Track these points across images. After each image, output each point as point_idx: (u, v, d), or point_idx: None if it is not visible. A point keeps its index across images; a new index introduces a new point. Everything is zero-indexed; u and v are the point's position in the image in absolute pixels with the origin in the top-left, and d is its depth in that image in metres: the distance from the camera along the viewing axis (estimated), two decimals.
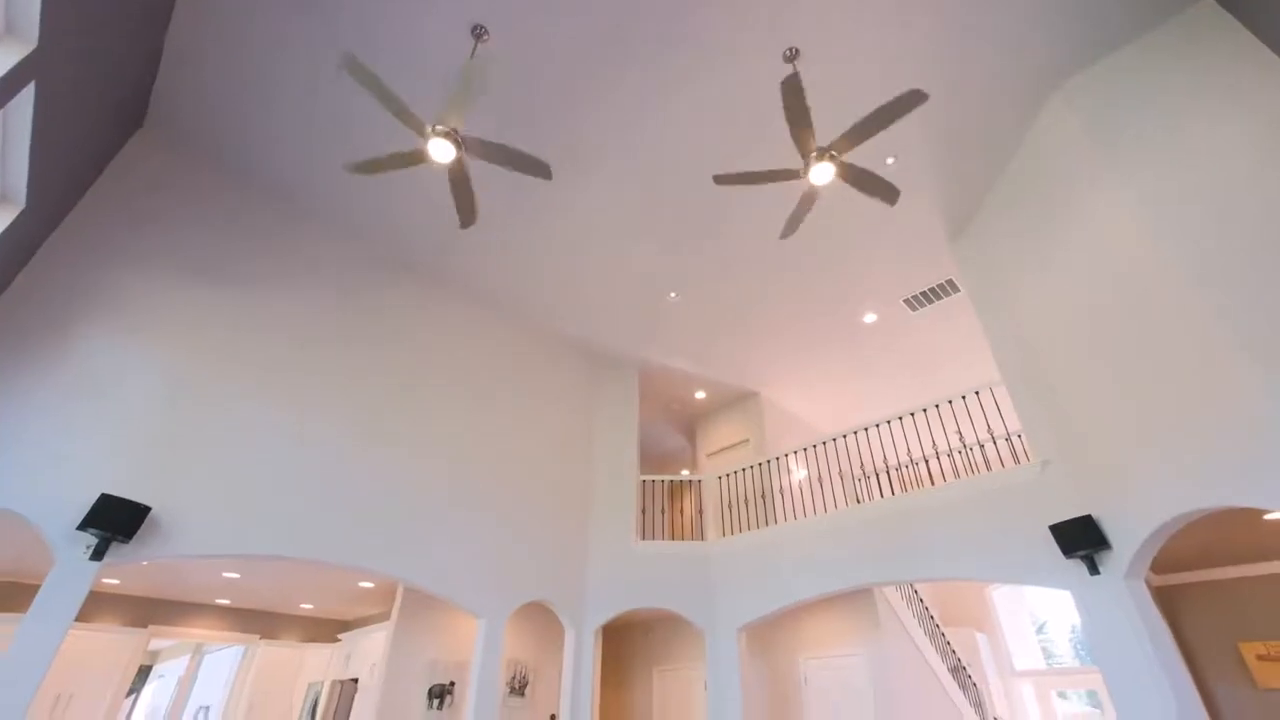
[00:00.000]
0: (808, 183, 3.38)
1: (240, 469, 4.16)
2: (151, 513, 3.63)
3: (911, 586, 7.00)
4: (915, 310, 6.55)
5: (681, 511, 9.55)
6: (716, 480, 6.89)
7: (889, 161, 4.72)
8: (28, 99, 2.73)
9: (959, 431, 5.59)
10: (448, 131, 3.13)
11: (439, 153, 3.16)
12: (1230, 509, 3.08)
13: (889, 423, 5.81)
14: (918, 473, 8.16)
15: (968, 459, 5.86)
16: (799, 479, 7.52)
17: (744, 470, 6.89)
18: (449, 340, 5.95)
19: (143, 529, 3.56)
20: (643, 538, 6.68)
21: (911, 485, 8.93)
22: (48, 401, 3.56)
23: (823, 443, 6.26)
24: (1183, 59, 3.63)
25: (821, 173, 3.29)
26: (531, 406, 6.39)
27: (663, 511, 7.75)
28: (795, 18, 3.72)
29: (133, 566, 5.77)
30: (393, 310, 5.60)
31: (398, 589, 6.20)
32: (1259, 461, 2.81)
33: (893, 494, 5.78)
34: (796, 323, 6.74)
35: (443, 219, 5.28)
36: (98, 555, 3.37)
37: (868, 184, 3.56)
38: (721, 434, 8.51)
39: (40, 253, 3.80)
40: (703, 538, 6.53)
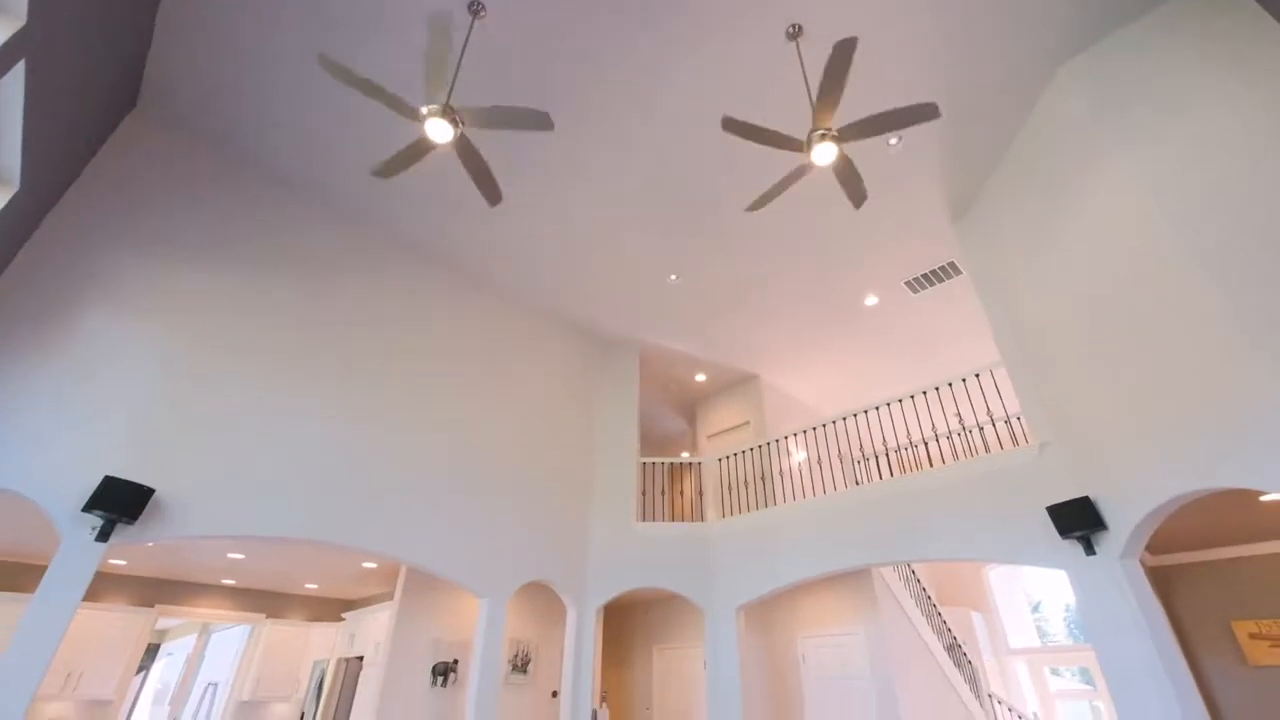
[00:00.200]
0: (805, 158, 3.32)
1: (242, 451, 4.18)
2: (155, 495, 3.67)
3: (909, 567, 7.08)
4: (916, 293, 6.53)
5: (682, 493, 9.64)
6: (716, 462, 6.93)
7: (892, 141, 4.67)
8: (18, 77, 2.68)
9: (958, 414, 5.61)
10: (441, 109, 3.08)
11: (438, 133, 3.11)
12: (1226, 490, 3.10)
13: (889, 405, 5.83)
14: (917, 455, 8.19)
15: (967, 441, 5.89)
16: (799, 461, 7.56)
17: (744, 452, 6.92)
18: (451, 321, 5.94)
19: (147, 511, 3.60)
20: (643, 519, 6.74)
21: (911, 467, 8.99)
22: (48, 384, 3.56)
23: (822, 425, 6.29)
24: (1189, 36, 3.54)
25: (824, 152, 3.24)
26: (532, 389, 6.41)
27: (663, 493, 7.80)
28: None
29: (138, 548, 5.82)
30: (393, 292, 5.59)
31: (401, 569, 6.26)
32: (1257, 443, 2.81)
33: (892, 476, 5.82)
34: (797, 305, 6.73)
35: (442, 200, 5.24)
36: (103, 537, 3.41)
37: (848, 178, 3.52)
38: (721, 416, 8.55)
39: (37, 234, 3.78)
40: (703, 519, 6.58)
